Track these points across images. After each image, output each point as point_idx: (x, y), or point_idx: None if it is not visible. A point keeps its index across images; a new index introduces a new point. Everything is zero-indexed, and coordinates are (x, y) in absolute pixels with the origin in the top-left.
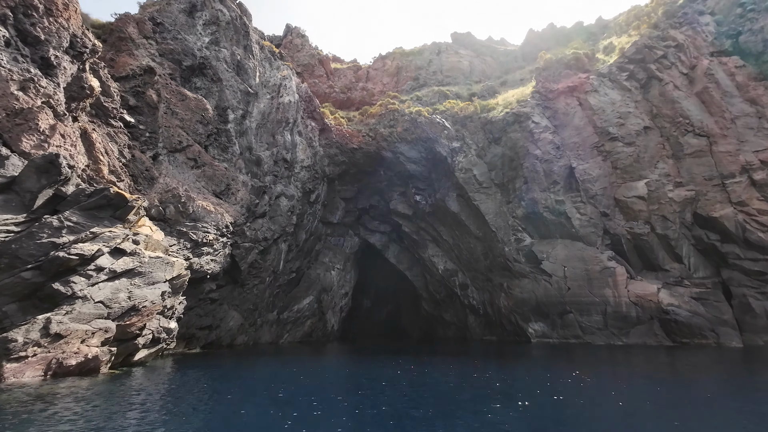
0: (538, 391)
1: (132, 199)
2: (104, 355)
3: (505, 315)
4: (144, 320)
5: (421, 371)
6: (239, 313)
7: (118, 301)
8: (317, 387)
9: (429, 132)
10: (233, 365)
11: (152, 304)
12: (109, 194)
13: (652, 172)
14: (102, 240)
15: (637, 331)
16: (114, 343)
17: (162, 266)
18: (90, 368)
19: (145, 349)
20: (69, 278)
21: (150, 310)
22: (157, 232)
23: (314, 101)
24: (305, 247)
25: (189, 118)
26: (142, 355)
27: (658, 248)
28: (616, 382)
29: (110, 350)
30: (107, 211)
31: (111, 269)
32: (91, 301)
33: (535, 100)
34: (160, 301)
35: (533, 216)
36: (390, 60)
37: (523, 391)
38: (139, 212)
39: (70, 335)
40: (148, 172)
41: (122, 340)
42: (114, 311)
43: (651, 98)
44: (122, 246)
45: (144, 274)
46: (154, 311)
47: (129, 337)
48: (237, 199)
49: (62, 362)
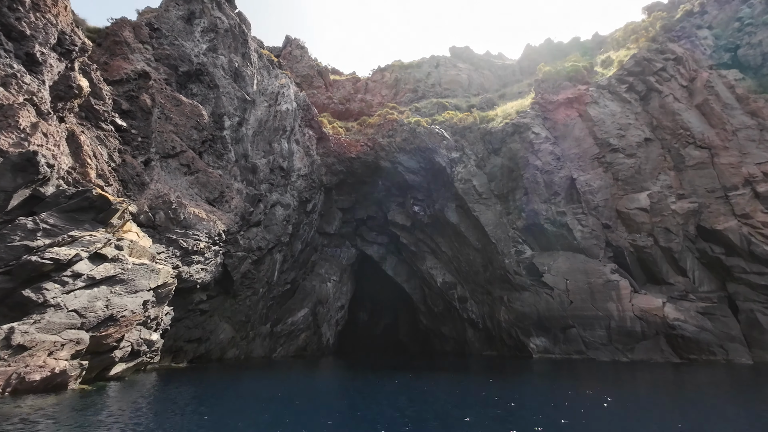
0: (556, 413)
1: (116, 201)
2: (74, 369)
3: (506, 329)
4: (122, 331)
5: (421, 388)
6: (230, 326)
7: (94, 310)
8: (309, 407)
9: (428, 142)
10: (220, 381)
11: (132, 314)
12: (91, 196)
13: (654, 184)
14: (81, 244)
15: (643, 347)
16: (86, 356)
17: (146, 273)
18: (56, 384)
19: (122, 362)
20: (41, 285)
21: (129, 320)
22: (144, 239)
23: (312, 110)
24: (301, 257)
25: (183, 124)
26: (119, 369)
27: (662, 261)
28: (638, 403)
29: (81, 364)
30: (89, 214)
31: (89, 276)
32: (63, 310)
33: (534, 111)
34: (141, 311)
35: (534, 227)
36: (389, 72)
37: (537, 411)
38: (124, 216)
39: (35, 347)
40: (138, 177)
41: (97, 352)
42: (89, 321)
43: (651, 110)
44: (103, 251)
45: (126, 282)
46: (134, 321)
47: (104, 349)
48: (231, 207)
49: (24, 377)
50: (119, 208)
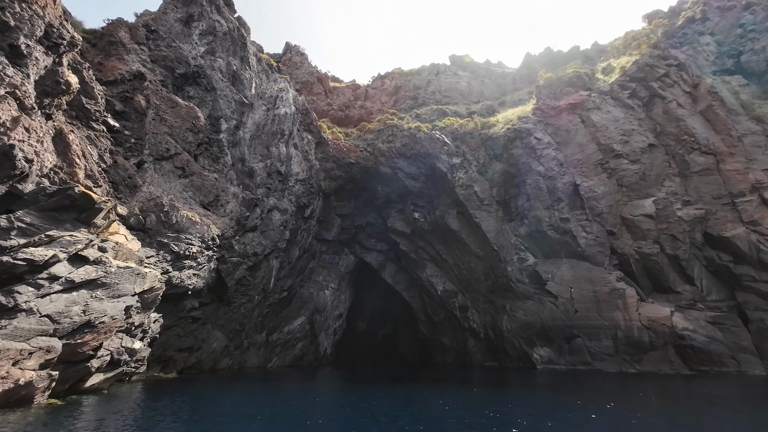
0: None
1: (100, 200)
2: (41, 380)
3: (508, 339)
4: (100, 338)
5: (424, 403)
6: (224, 334)
7: (70, 316)
8: (304, 424)
9: (428, 147)
10: (209, 393)
11: (112, 320)
12: (73, 194)
13: (659, 191)
14: (60, 245)
15: (651, 358)
16: (58, 365)
17: (131, 277)
18: (21, 397)
19: (100, 373)
20: (13, 287)
21: (109, 326)
22: (132, 242)
23: (311, 114)
24: (298, 264)
25: (179, 126)
26: (96, 380)
27: (669, 269)
28: (664, 418)
29: (50, 374)
30: (71, 213)
31: (68, 278)
32: (35, 315)
33: (536, 117)
34: (122, 317)
35: (537, 234)
36: (389, 79)
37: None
38: (109, 216)
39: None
40: (131, 179)
41: (71, 362)
42: (63, 327)
43: (654, 116)
44: (85, 253)
45: (108, 286)
46: (115, 328)
47: (80, 358)
48: (226, 211)
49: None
50: (103, 208)
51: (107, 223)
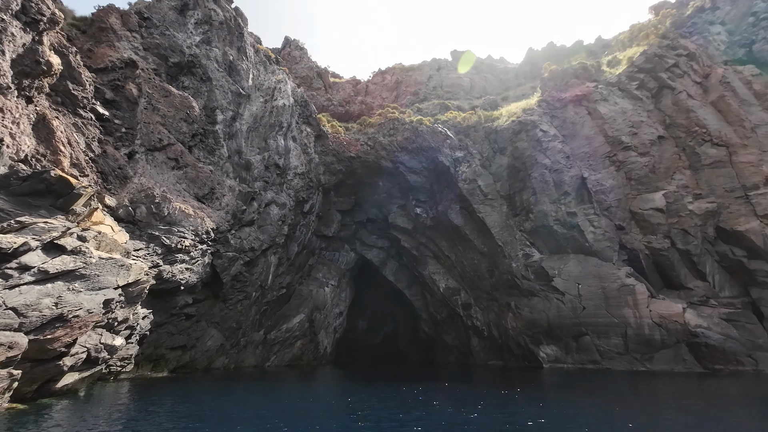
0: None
1: (79, 186)
2: (0, 380)
3: (513, 337)
4: (74, 334)
5: (430, 404)
6: (219, 332)
7: (39, 309)
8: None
9: (431, 141)
10: (196, 393)
11: (88, 314)
12: (48, 177)
13: (669, 184)
14: (32, 232)
15: (663, 356)
16: (23, 364)
17: (113, 269)
18: None
19: (74, 372)
20: None
21: (84, 321)
22: (119, 233)
23: (310, 106)
24: (297, 261)
25: (172, 116)
26: (70, 380)
27: (680, 265)
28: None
29: (11, 374)
30: (46, 199)
31: (42, 269)
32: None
33: (542, 109)
34: (100, 311)
35: (543, 229)
36: (389, 75)
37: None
38: (90, 204)
39: None
40: (121, 170)
41: (39, 360)
42: (30, 321)
43: (663, 108)
44: (61, 242)
45: (88, 278)
46: (91, 323)
47: (49, 356)
48: (222, 205)
49: None
50: (83, 194)
51: (88, 211)
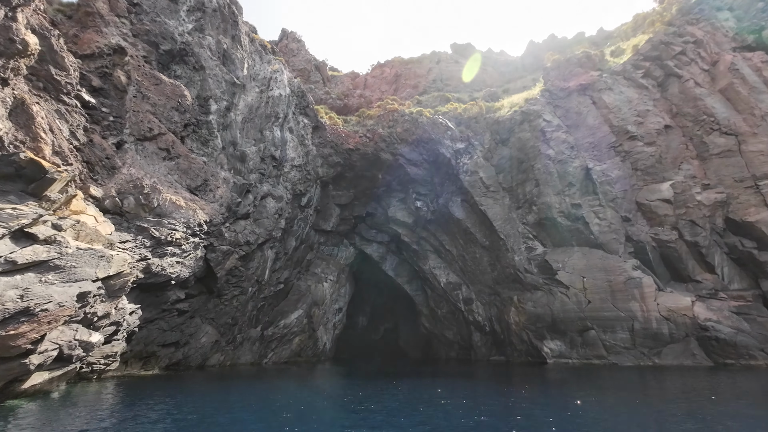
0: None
1: (53, 169)
2: None
3: (516, 332)
4: (41, 329)
5: (432, 402)
6: (214, 329)
7: (1, 302)
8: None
9: (431, 132)
10: (183, 394)
11: (58, 308)
12: (18, 160)
13: (677, 174)
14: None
15: (671, 351)
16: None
17: (92, 260)
18: None
19: (44, 371)
20: None
21: (53, 315)
22: (104, 224)
23: (307, 97)
24: (295, 255)
25: (163, 104)
26: (38, 380)
27: (688, 257)
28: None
29: None
30: (16, 183)
31: (9, 259)
32: None
33: (545, 99)
34: (73, 304)
35: (546, 222)
36: (388, 68)
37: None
38: (67, 190)
39: None
40: (108, 160)
41: (1, 358)
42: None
43: (670, 96)
44: (33, 230)
45: (63, 269)
46: (62, 317)
47: (13, 353)
48: (215, 197)
49: None
50: (57, 178)
51: (65, 198)
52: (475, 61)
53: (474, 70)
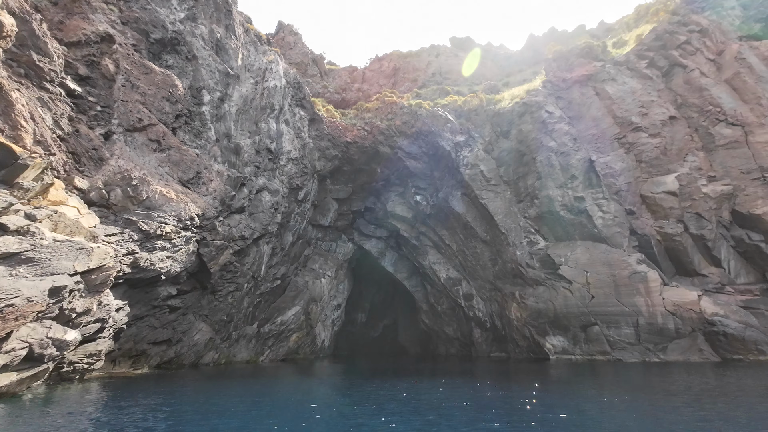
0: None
1: (26, 155)
2: None
3: (518, 328)
4: (7, 326)
5: (438, 408)
6: (208, 326)
7: None
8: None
9: (431, 125)
10: (168, 395)
11: (27, 303)
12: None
13: (682, 166)
14: None
15: (677, 346)
16: None
17: (70, 253)
18: None
19: (12, 372)
20: None
21: (21, 311)
22: (88, 216)
23: (304, 88)
24: (292, 251)
25: (153, 94)
26: (5, 381)
27: (693, 250)
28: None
29: None
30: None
31: None
32: None
33: (547, 90)
34: (44, 299)
35: (548, 216)
36: (387, 61)
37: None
38: (43, 178)
39: None
40: (96, 151)
41: None
42: None
43: (675, 87)
44: (2, 220)
45: (36, 262)
46: (30, 313)
47: None
48: (209, 190)
49: None
50: (30, 164)
51: (41, 187)
52: (474, 55)
53: (473, 65)
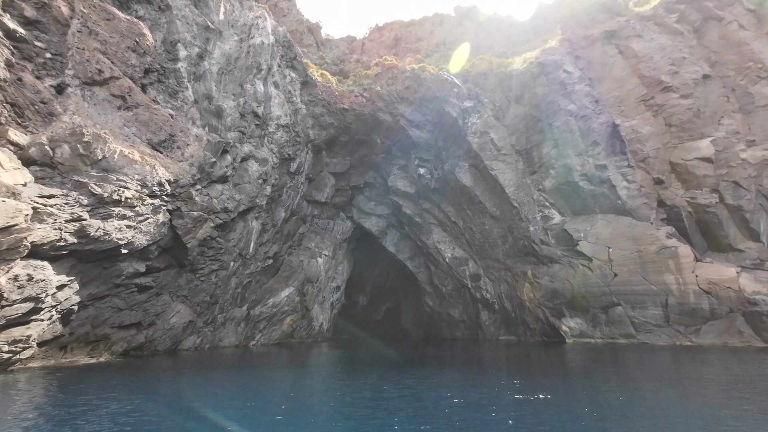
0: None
1: None
2: None
3: (530, 310)
4: None
5: (451, 405)
6: (188, 308)
7: None
8: None
9: (435, 90)
10: (111, 389)
11: None
12: None
13: (717, 130)
14: None
15: (712, 328)
16: None
17: None
18: None
19: None
20: None
21: None
22: (13, 173)
23: (295, 48)
24: (285, 228)
25: (116, 43)
26: None
27: (729, 223)
28: None
29: None
30: None
31: None
32: None
33: (564, 48)
34: None
35: (565, 187)
36: (387, 31)
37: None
38: None
39: None
40: (44, 104)
41: None
42: None
43: (708, 42)
44: None
45: None
46: None
47: None
48: (184, 155)
49: None
50: None
51: None
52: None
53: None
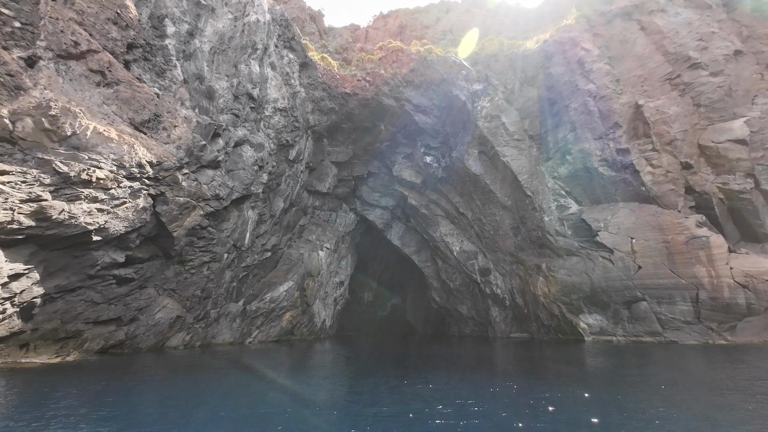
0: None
1: None
2: None
3: (544, 306)
4: None
5: (472, 417)
6: (177, 302)
7: None
8: None
9: (442, 72)
10: (47, 397)
11: None
12: None
13: (750, 110)
14: None
15: (750, 326)
16: None
17: None
18: None
19: None
20: None
21: None
22: None
23: (293, 28)
24: (284, 219)
25: (94, 14)
26: None
27: (765, 210)
28: None
29: None
30: None
31: None
32: None
33: (581, 25)
34: None
35: (583, 174)
36: (392, 18)
37: None
38: None
39: None
40: (11, 77)
41: None
42: None
43: (740, 16)
44: None
45: None
46: None
47: None
48: (171, 137)
49: None
50: None
51: None
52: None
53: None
